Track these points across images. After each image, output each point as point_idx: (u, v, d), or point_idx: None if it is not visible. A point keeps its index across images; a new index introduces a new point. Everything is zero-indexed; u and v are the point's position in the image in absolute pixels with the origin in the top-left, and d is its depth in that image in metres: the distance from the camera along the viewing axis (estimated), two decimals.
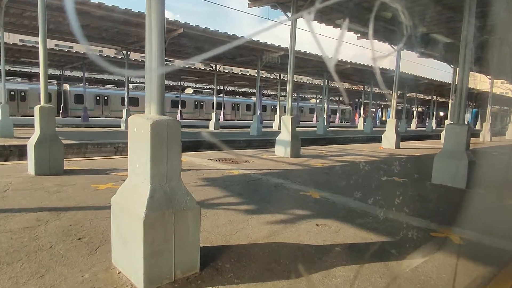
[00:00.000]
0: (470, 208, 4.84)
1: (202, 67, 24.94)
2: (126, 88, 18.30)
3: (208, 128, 22.19)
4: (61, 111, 27.90)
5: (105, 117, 32.47)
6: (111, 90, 33.94)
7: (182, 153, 9.26)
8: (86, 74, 28.12)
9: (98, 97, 33.02)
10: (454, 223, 3.93)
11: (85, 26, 13.26)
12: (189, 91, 41.02)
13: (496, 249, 3.27)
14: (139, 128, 2.32)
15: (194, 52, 18.07)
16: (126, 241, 2.37)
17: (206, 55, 1.37)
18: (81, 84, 31.64)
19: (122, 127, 18.48)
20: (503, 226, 3.98)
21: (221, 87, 36.20)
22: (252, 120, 37.17)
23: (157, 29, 2.27)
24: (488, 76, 21.03)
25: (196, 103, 38.97)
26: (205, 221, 3.60)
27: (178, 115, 33.74)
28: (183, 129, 19.82)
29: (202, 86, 41.54)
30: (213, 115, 21.92)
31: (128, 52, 17.04)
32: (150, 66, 2.34)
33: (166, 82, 35.33)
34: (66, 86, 31.46)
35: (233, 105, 42.51)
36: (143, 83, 34.31)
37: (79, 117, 27.69)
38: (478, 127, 39.58)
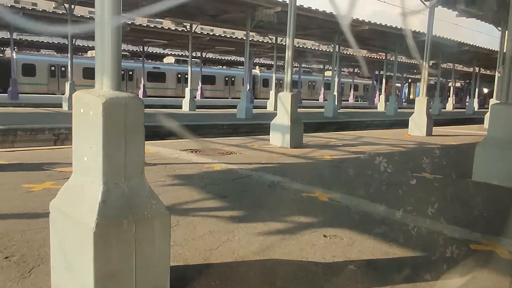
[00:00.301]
0: None
1: (173, 27, 24.63)
2: (69, 54, 17.99)
3: (181, 108, 22.08)
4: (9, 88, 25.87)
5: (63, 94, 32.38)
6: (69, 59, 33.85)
7: (147, 142, 9.18)
8: (24, 40, 27.62)
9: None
10: (501, 233, 3.98)
11: None
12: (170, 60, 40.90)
13: None
14: (87, 109, 2.27)
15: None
16: (70, 260, 2.34)
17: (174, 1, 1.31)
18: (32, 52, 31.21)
19: (65, 107, 18.25)
20: None
21: (199, 54, 35.95)
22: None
23: None
24: None
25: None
26: (178, 232, 3.58)
27: (141, 91, 33.48)
28: (149, 110, 19.67)
29: (173, 53, 41.22)
30: (187, 91, 21.79)
31: (72, 6, 16.71)
32: (101, 18, 2.26)
33: (124, 47, 34.92)
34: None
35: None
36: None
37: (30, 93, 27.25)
38: None
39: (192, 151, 8.07)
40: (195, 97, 25.14)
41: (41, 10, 20.95)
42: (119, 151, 2.26)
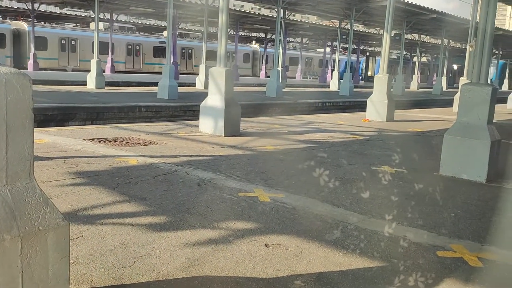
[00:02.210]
0: (493, 212, 5.22)
1: None
2: None
3: (87, 85, 21.43)
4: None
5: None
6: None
7: (40, 130, 8.87)
8: None
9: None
10: (471, 237, 4.22)
11: None
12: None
13: None
14: None
15: None
16: None
17: None
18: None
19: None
20: None
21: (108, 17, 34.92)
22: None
23: None
24: None
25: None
26: (81, 246, 3.48)
27: (31, 62, 32.13)
28: (42, 86, 18.93)
29: (74, 14, 39.84)
30: (93, 63, 21.14)
31: None
32: None
33: (7, 3, 33.27)
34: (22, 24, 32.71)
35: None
36: None
37: None
38: (505, 87, 42.97)
39: (100, 141, 7.86)
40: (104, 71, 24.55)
41: None
42: None
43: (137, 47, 42.67)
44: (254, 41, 52.95)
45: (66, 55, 38.13)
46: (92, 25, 37.46)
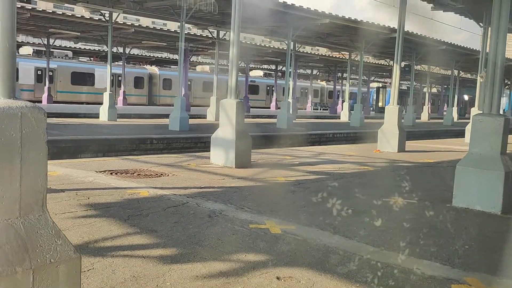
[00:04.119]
0: (508, 245, 5.15)
1: (88, 14, 24.22)
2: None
3: (99, 117, 21.65)
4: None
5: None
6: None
7: (52, 162, 8.92)
8: None
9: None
10: (484, 270, 4.15)
11: None
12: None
13: None
14: None
15: None
16: None
17: None
18: None
19: None
20: None
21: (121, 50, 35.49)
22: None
23: None
24: None
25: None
26: (92, 279, 3.47)
27: (45, 95, 32.54)
28: (55, 119, 19.14)
29: (88, 48, 40.51)
30: (106, 96, 21.40)
31: None
32: None
33: (23, 39, 33.90)
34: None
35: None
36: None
37: None
38: None
39: (111, 173, 7.89)
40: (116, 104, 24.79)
41: None
42: (11, 176, 2.18)
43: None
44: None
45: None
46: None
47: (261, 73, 50.92)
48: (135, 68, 44.79)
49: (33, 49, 38.43)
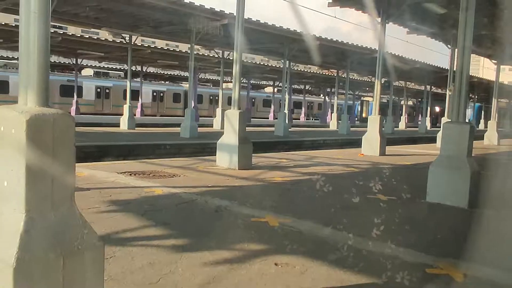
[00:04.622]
0: (474, 234, 5.14)
1: (110, 38, 24.25)
2: None
3: (120, 126, 21.63)
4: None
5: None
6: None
7: (80, 164, 8.91)
8: None
9: None
10: (455, 255, 4.14)
11: None
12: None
13: (508, 286, 3.49)
14: (8, 127, 2.16)
15: (98, 16, 17.53)
16: None
17: None
18: None
19: None
20: None
21: (139, 68, 35.53)
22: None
23: None
24: (493, 61, 22.74)
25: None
26: (113, 265, 3.45)
27: (74, 108, 32.49)
28: (81, 128, 19.13)
29: (111, 67, 40.55)
30: (126, 108, 21.42)
31: None
32: (27, 32, 2.19)
33: (55, 59, 33.96)
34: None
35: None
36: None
37: None
38: (481, 126, 42.67)
39: (130, 174, 7.88)
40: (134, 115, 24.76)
41: None
42: (45, 175, 2.16)
43: (161, 94, 43.27)
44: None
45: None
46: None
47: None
48: (174, 86, 45.15)
49: (94, 71, 39.01)
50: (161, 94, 43.44)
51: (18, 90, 2.26)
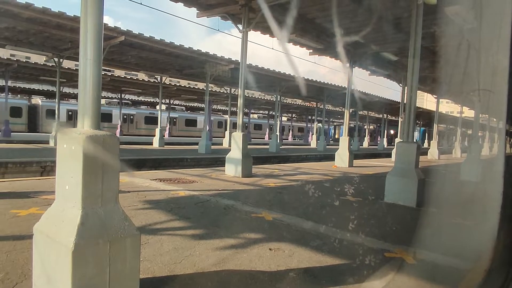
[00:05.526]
0: (420, 226, 5.12)
1: (146, 78, 24.40)
2: (57, 99, 17.36)
3: (152, 144, 21.61)
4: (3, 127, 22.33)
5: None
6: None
7: (121, 173, 8.88)
8: (11, 83, 26.17)
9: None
10: (407, 243, 4.12)
11: (10, 28, 12.45)
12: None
13: (448, 267, 3.47)
14: (69, 144, 2.18)
15: (137, 62, 17.69)
16: (50, 276, 2.17)
17: None
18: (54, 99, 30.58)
19: (51, 144, 17.36)
20: (453, 244, 4.25)
21: (167, 101, 35.63)
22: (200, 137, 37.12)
23: (93, 34, 2.18)
24: (434, 96, 22.90)
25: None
26: (147, 249, 3.43)
27: (118, 130, 32.47)
28: (124, 146, 19.10)
29: (146, 100, 40.64)
30: (157, 131, 21.44)
31: (61, 59, 16.20)
32: (84, 74, 2.23)
33: (105, 94, 34.07)
34: (37, 101, 31.24)
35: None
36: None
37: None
38: (425, 145, 42.74)
39: (160, 180, 7.86)
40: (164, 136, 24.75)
41: (33, 62, 20.05)
42: (96, 180, 2.18)
43: (175, 120, 43.07)
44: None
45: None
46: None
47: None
48: (220, 116, 45.24)
49: (166, 106, 39.06)
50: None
51: (117, 120, 2.29)
